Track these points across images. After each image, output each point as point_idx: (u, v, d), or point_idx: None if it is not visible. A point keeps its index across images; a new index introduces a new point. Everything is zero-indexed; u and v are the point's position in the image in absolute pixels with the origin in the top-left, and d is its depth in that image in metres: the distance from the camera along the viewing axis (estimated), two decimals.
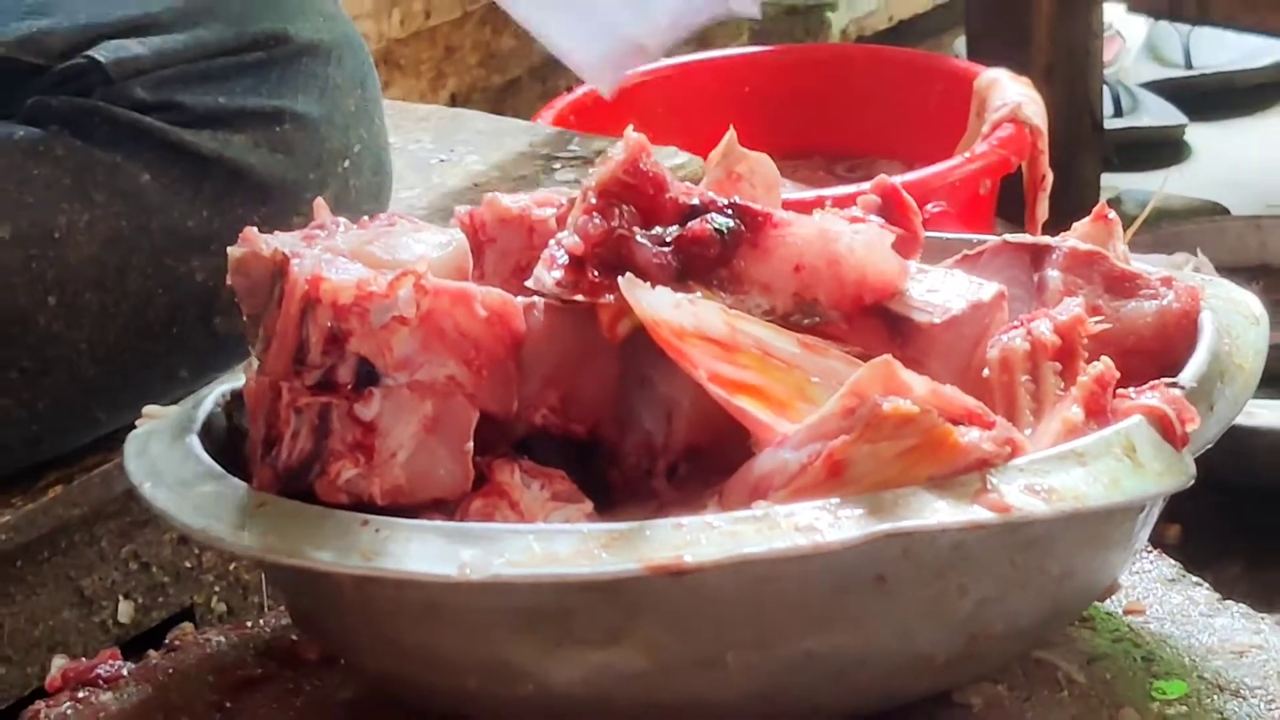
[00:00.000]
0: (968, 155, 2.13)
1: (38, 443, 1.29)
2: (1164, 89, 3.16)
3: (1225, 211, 2.74)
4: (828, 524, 0.85)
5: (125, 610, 1.35)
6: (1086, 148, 2.67)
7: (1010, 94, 2.18)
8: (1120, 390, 0.94)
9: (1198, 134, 3.10)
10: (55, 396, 1.27)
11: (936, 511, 0.86)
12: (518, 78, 2.48)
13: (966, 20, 2.74)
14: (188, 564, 1.39)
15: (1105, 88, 2.81)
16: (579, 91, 2.29)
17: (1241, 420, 1.01)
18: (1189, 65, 3.23)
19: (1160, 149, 3.01)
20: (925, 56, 2.61)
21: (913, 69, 2.43)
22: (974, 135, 2.19)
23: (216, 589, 1.41)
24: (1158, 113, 3.09)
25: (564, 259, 0.96)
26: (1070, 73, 2.63)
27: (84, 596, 1.33)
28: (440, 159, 1.76)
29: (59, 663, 1.08)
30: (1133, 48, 3.28)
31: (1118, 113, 3.02)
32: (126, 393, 1.28)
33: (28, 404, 1.27)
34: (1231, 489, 1.99)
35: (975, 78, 2.26)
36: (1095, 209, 1.07)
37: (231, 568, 1.42)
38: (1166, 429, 0.91)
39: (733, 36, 2.80)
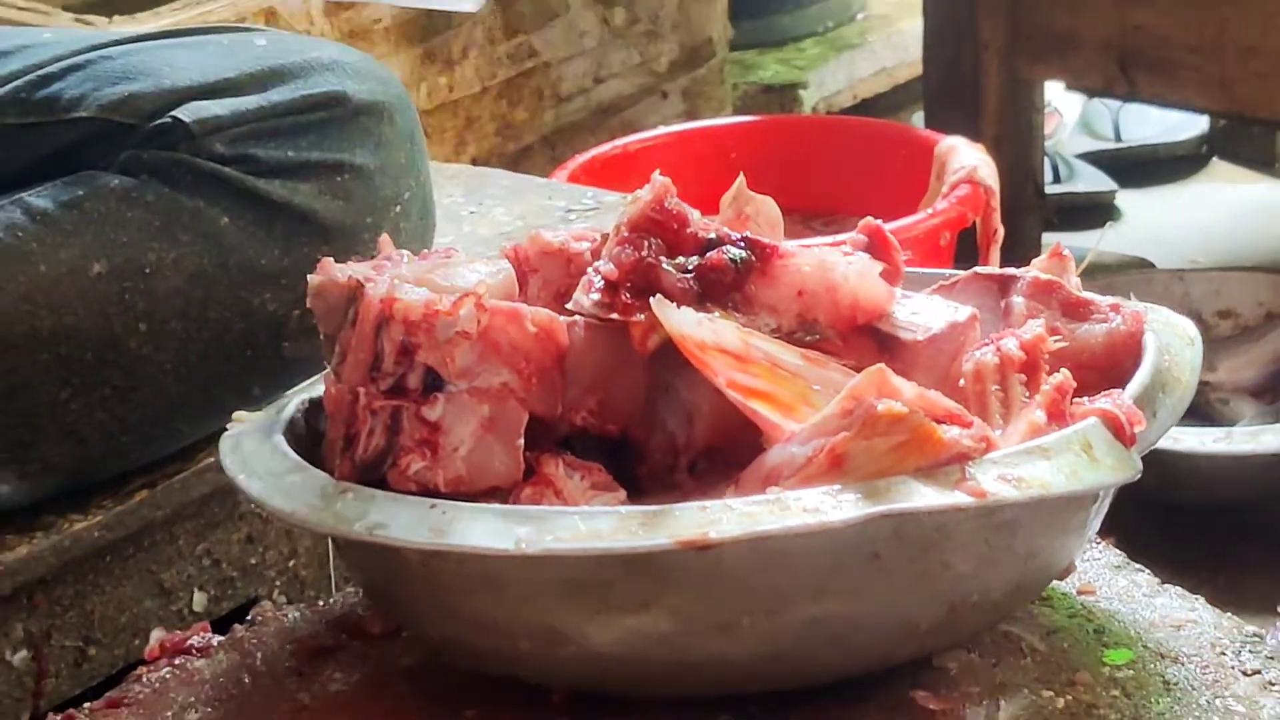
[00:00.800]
0: (929, 211, 2.13)
1: (127, 452, 1.30)
2: (1097, 159, 3.16)
3: (1151, 265, 2.75)
4: (831, 506, 0.87)
5: (199, 600, 1.35)
6: (1029, 210, 2.67)
7: (967, 158, 2.18)
8: (1076, 398, 0.96)
9: (1127, 199, 3.10)
10: (143, 411, 1.28)
11: (923, 496, 0.88)
12: (530, 145, 2.50)
13: (925, 98, 2.72)
14: (253, 561, 1.39)
15: (1045, 158, 2.83)
16: (588, 154, 2.33)
17: (1167, 444, 1.02)
18: (1119, 138, 3.23)
19: (1094, 212, 3.02)
20: (891, 126, 2.60)
21: (880, 137, 2.43)
22: (934, 194, 2.19)
23: (278, 583, 1.41)
24: (1091, 180, 3.09)
25: (601, 284, 0.98)
26: (1015, 144, 2.64)
27: (163, 588, 1.34)
28: (470, 211, 1.75)
29: (157, 634, 1.09)
30: (1069, 122, 3.28)
31: (1056, 180, 3.02)
32: (206, 408, 1.29)
33: (119, 418, 1.27)
34: (1160, 506, 2.02)
35: (935, 144, 2.26)
36: (1052, 248, 1.08)
37: (290, 564, 1.42)
38: (1117, 430, 0.93)
39: (718, 110, 2.82)
